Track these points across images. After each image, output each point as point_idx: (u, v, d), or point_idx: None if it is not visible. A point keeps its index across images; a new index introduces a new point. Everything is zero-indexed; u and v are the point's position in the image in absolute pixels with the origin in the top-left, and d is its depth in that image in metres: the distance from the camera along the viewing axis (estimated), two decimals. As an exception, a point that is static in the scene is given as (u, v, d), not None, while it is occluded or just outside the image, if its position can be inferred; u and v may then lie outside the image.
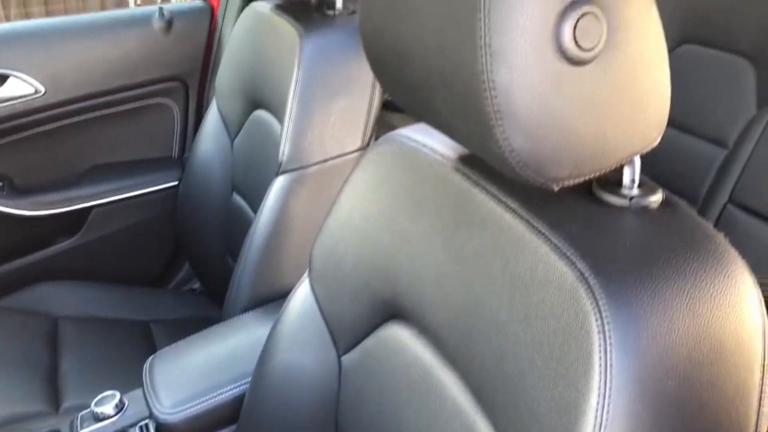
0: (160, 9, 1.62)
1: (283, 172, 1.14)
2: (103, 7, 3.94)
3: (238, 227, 1.35)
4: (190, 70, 1.69)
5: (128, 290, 1.56)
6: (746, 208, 1.55)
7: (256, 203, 1.23)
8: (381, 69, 0.65)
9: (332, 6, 1.23)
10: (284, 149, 1.14)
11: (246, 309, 1.18)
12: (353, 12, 1.24)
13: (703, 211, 1.60)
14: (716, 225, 1.59)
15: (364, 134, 1.17)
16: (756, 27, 1.62)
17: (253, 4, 1.39)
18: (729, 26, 1.66)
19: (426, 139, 0.73)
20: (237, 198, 1.39)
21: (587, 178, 0.52)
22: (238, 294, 1.20)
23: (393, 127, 0.80)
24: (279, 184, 1.15)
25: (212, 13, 1.71)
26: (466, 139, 0.56)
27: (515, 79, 0.47)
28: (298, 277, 0.88)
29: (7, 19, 3.69)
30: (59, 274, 1.54)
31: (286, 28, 1.22)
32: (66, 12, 3.85)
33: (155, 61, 1.62)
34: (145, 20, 1.62)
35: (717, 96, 1.67)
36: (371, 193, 0.77)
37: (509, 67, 0.47)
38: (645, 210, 0.56)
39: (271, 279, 1.18)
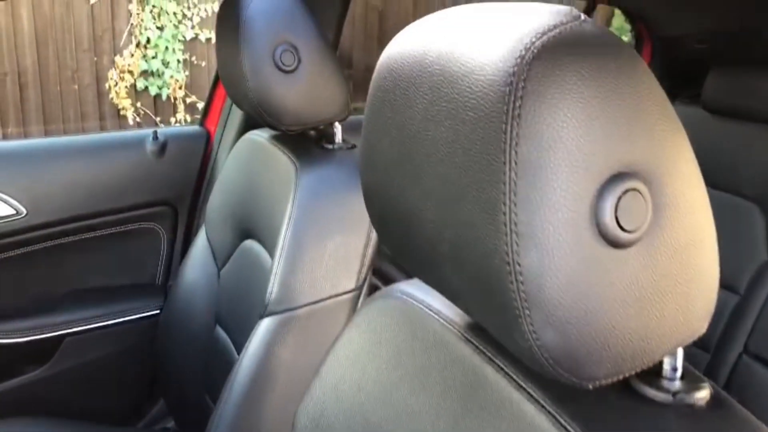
0: (155, 132, 1.58)
1: (270, 314, 1.06)
2: (102, 129, 3.97)
3: (219, 366, 1.25)
4: (180, 195, 1.63)
5: (95, 429, 1.43)
6: (762, 360, 1.46)
7: (240, 341, 1.14)
8: (383, 226, 0.58)
9: (331, 140, 1.20)
10: (273, 288, 1.06)
11: (222, 460, 1.06)
12: (353, 146, 1.20)
13: (716, 362, 1.51)
14: (731, 376, 1.49)
15: (359, 274, 1.09)
16: (762, 172, 1.58)
17: (250, 133, 1.35)
18: (736, 170, 1.63)
19: (430, 299, 0.65)
20: (220, 332, 1.29)
21: (626, 375, 0.44)
22: (214, 442, 1.09)
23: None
24: (265, 326, 1.06)
25: (208, 138, 1.67)
26: (482, 319, 0.48)
27: (546, 264, 0.39)
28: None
29: (5, 137, 3.71)
30: (20, 408, 1.42)
31: (283, 159, 1.17)
32: (64, 132, 3.88)
33: (145, 184, 1.57)
34: (138, 143, 1.58)
35: (726, 240, 1.61)
36: (364, 357, 0.68)
37: (540, 249, 0.39)
38: (691, 409, 0.48)
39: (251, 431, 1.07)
